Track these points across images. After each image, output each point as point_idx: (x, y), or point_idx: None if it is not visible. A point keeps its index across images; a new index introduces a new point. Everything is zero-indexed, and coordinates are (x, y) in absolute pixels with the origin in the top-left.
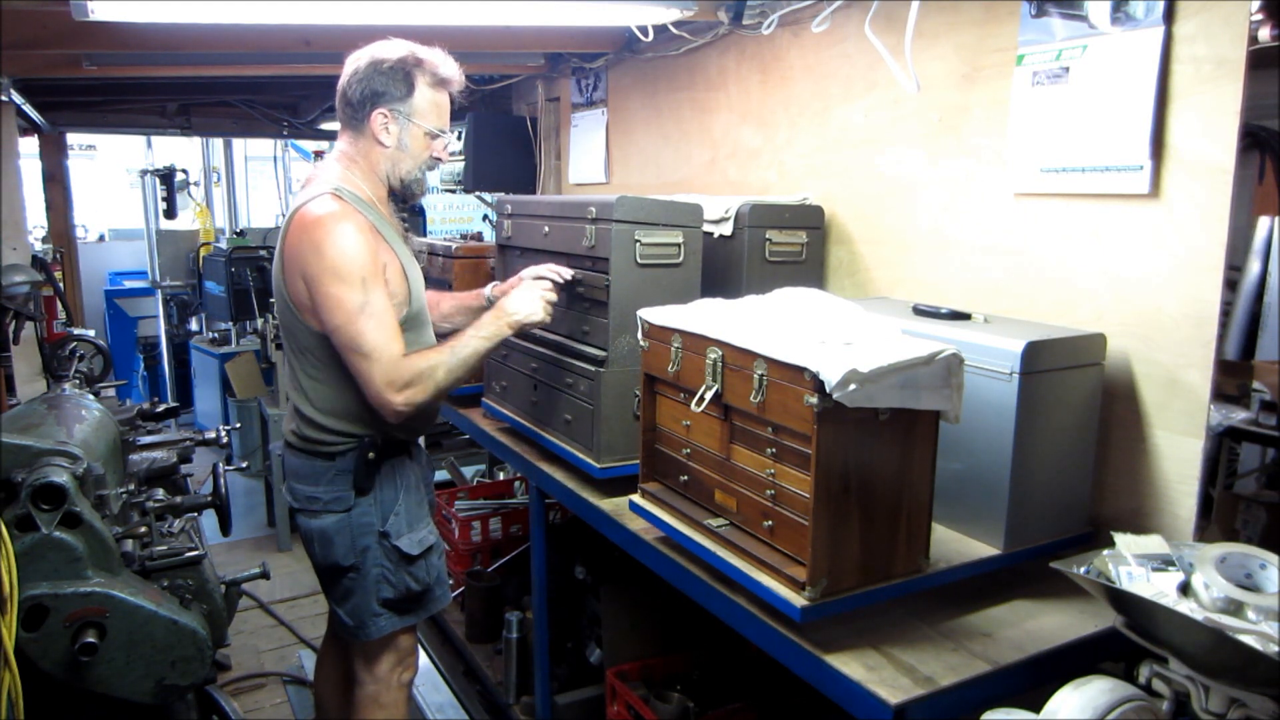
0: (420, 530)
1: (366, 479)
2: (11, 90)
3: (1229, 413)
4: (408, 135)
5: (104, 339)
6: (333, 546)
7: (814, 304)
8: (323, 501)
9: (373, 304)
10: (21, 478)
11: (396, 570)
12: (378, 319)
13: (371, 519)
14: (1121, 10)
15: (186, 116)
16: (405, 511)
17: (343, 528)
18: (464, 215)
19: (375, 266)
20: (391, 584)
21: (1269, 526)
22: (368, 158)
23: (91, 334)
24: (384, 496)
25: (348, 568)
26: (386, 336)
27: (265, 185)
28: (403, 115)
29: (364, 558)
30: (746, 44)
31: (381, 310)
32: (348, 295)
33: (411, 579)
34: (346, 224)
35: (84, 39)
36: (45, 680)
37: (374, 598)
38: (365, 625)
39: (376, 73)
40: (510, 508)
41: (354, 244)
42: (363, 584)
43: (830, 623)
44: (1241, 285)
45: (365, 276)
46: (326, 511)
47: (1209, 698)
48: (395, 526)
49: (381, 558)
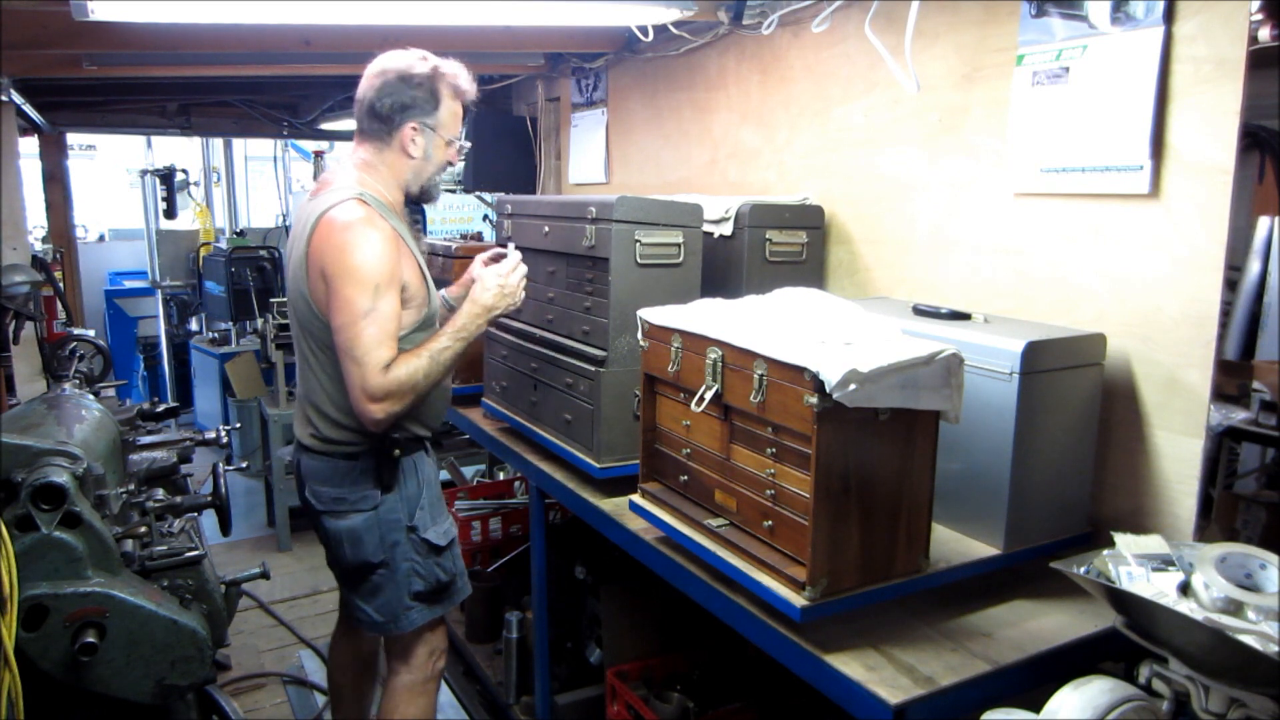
0: (444, 522)
1: (391, 476)
2: (11, 90)
3: (1229, 413)
4: (432, 146)
5: (104, 339)
6: (363, 545)
7: (814, 304)
8: (349, 501)
9: (379, 310)
10: (21, 478)
11: (426, 562)
12: (379, 325)
13: (399, 515)
14: (1121, 10)
15: (186, 116)
16: (429, 505)
17: (371, 525)
18: (464, 215)
19: (393, 275)
20: (422, 576)
21: (1269, 526)
22: (392, 167)
23: (91, 334)
24: (408, 492)
25: (378, 564)
26: (378, 344)
27: (265, 185)
28: (429, 128)
29: (393, 553)
30: (746, 44)
31: (386, 317)
32: (358, 298)
33: (440, 570)
34: (373, 231)
35: (84, 39)
36: (45, 680)
37: (406, 591)
38: (399, 619)
39: (407, 87)
40: (510, 508)
41: (377, 251)
42: (394, 579)
43: (830, 623)
44: (1241, 285)
45: (380, 284)
46: (354, 511)
47: (1209, 698)
48: (422, 520)
49: (411, 551)
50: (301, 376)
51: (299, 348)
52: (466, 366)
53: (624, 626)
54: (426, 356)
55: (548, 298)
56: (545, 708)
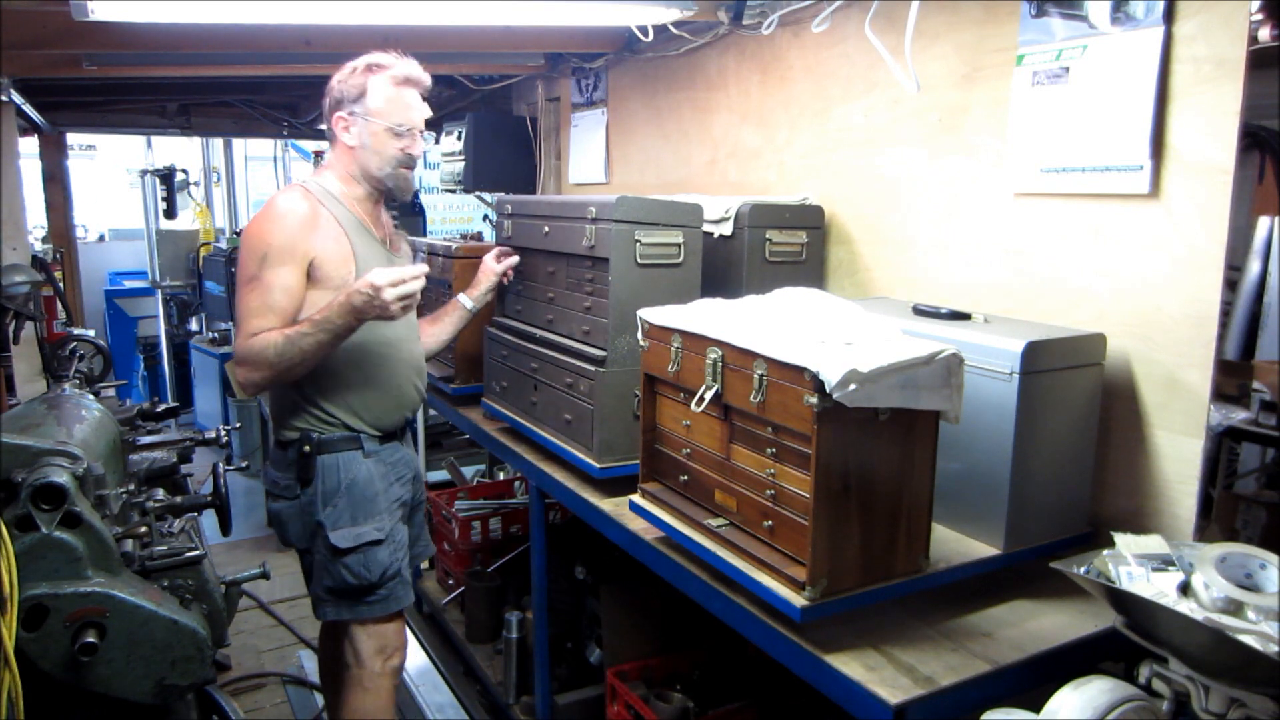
0: (364, 526)
1: (305, 470)
2: (11, 90)
3: (1229, 413)
4: (368, 133)
5: (104, 339)
6: (286, 529)
7: (814, 304)
8: (280, 486)
9: (263, 279)
10: (21, 478)
11: (332, 561)
12: (259, 294)
13: (315, 509)
14: (1121, 10)
15: (186, 116)
16: (350, 506)
17: (294, 514)
18: (464, 215)
19: (288, 248)
20: (329, 573)
21: (1269, 526)
22: (341, 159)
23: (91, 334)
24: (326, 488)
25: (304, 550)
26: (252, 313)
27: (265, 185)
28: (359, 115)
29: (314, 543)
30: (746, 44)
31: (268, 288)
32: (247, 264)
33: (347, 572)
34: (278, 207)
35: (84, 39)
36: (45, 680)
37: (318, 583)
38: (317, 606)
39: (337, 83)
40: (510, 508)
41: (277, 224)
42: (315, 568)
43: (830, 623)
44: (1241, 285)
45: (268, 254)
46: (281, 496)
47: (1209, 698)
48: (330, 518)
49: (320, 547)
50: None
51: None
52: (467, 366)
53: (624, 626)
54: (283, 336)
55: (548, 298)
56: (545, 708)
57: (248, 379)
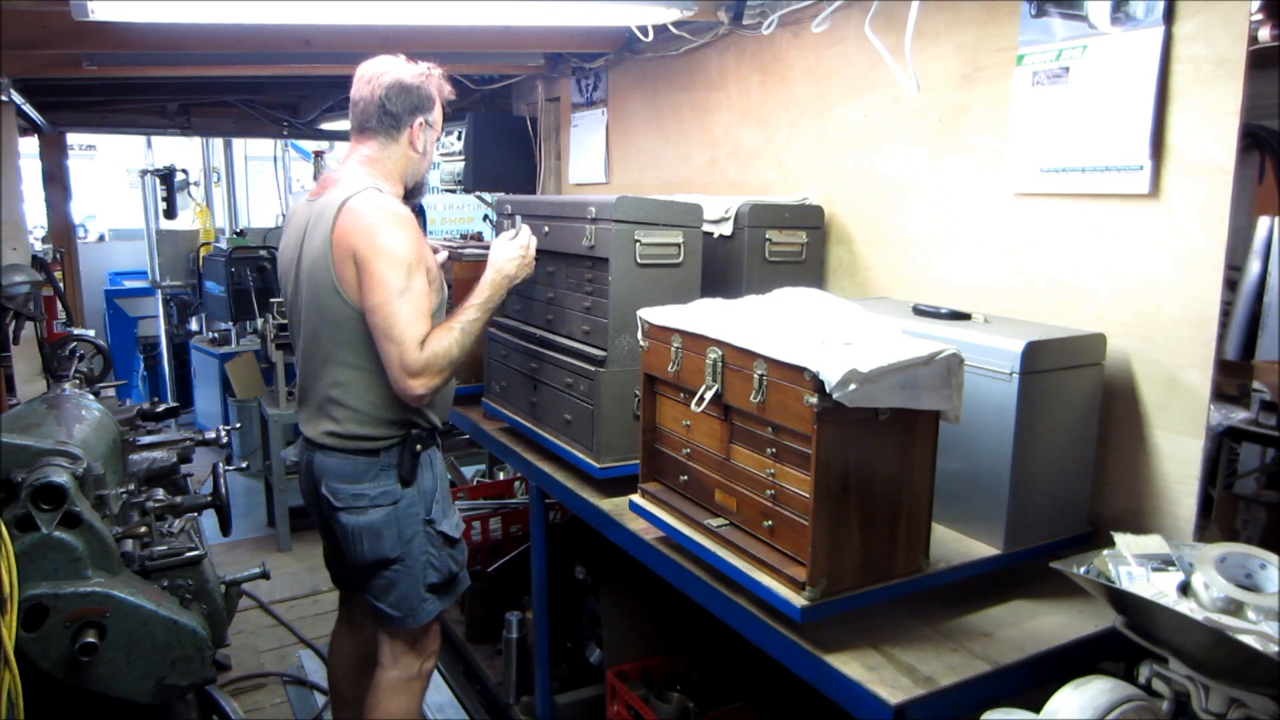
0: (454, 515)
1: (411, 471)
2: (11, 90)
3: (1229, 413)
4: (429, 142)
5: (104, 339)
6: (381, 540)
7: (814, 304)
8: (369, 498)
9: (413, 288)
10: (21, 478)
11: (441, 554)
12: (414, 304)
13: (418, 509)
14: (1121, 10)
15: (186, 116)
16: (442, 498)
17: (390, 521)
18: (464, 215)
19: (421, 256)
20: (437, 568)
21: (1269, 526)
22: (397, 162)
23: (91, 334)
24: (425, 486)
25: (394, 560)
26: (415, 321)
27: (265, 185)
28: (429, 125)
29: (409, 548)
30: (746, 44)
31: (419, 295)
32: (394, 277)
33: (453, 561)
34: (402, 215)
35: (84, 39)
36: (45, 680)
37: (421, 584)
38: (415, 612)
39: (414, 86)
40: (510, 508)
41: (407, 233)
42: (409, 573)
43: (830, 623)
44: (1241, 285)
45: (411, 263)
46: (374, 507)
47: (1209, 698)
48: (438, 513)
49: (427, 544)
50: (315, 375)
51: (315, 345)
52: (467, 366)
53: (624, 626)
54: (458, 329)
55: (548, 298)
56: (545, 708)
57: (430, 386)
